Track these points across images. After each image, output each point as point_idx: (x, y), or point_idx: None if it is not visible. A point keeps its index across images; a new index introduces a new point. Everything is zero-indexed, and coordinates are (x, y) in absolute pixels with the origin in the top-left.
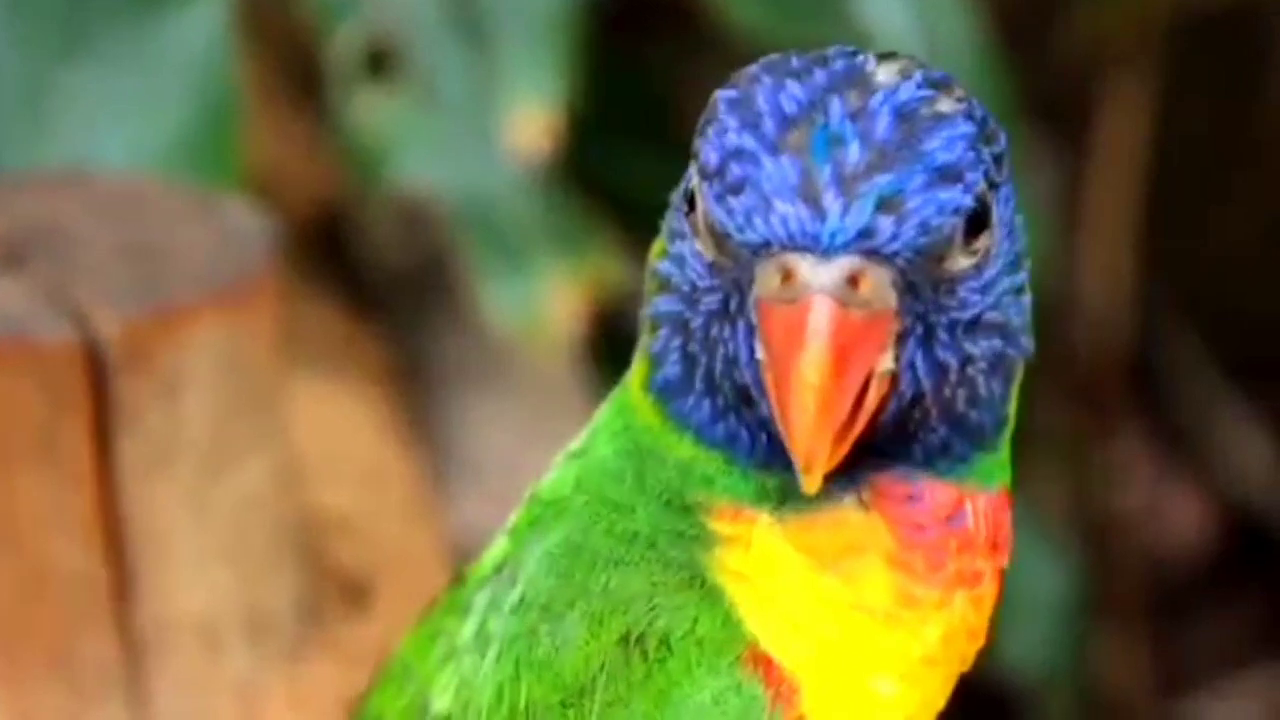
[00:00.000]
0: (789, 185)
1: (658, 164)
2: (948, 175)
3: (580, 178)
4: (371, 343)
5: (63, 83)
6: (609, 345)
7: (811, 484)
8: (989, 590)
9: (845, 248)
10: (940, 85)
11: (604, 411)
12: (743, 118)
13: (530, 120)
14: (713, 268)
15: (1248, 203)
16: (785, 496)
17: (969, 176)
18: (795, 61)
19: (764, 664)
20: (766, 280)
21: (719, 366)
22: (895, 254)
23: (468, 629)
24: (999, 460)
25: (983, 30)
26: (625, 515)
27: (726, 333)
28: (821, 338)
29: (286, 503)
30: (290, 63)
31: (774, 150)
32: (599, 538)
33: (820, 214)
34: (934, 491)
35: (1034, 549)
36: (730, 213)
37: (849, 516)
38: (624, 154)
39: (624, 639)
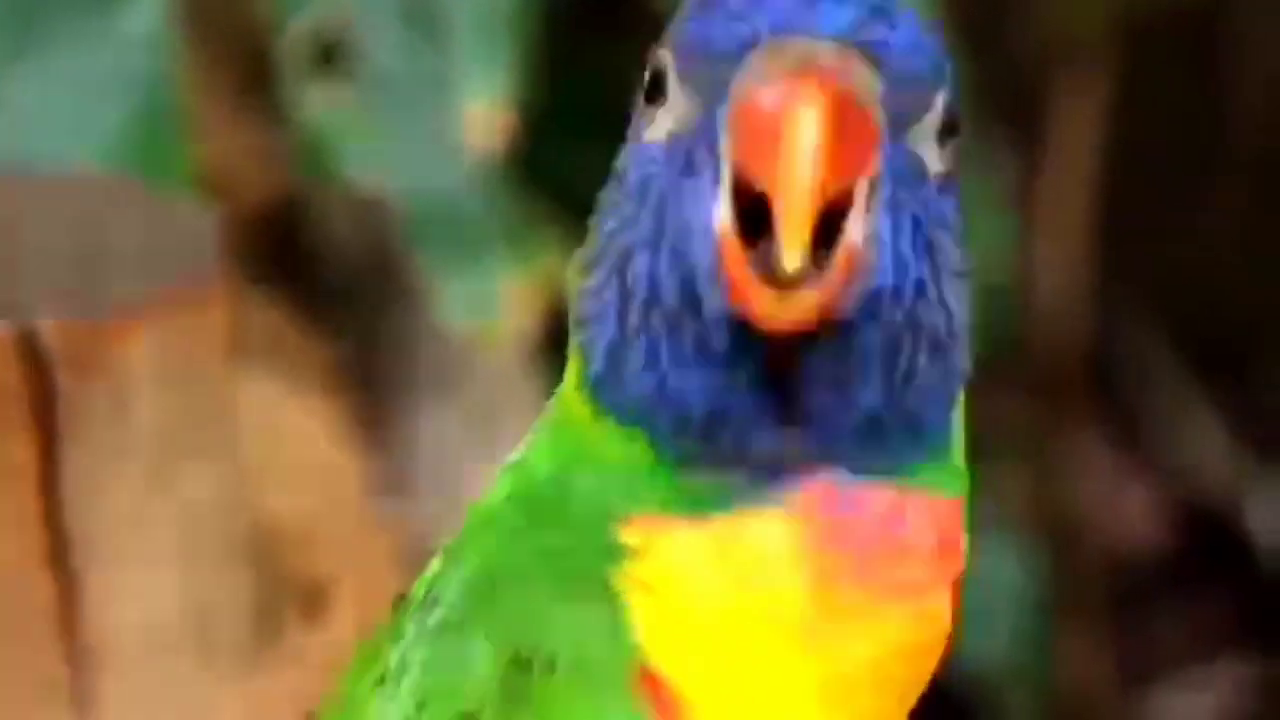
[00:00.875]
0: None
1: (613, 161)
2: (931, 40)
3: (536, 176)
4: (325, 343)
5: (5, 78)
6: (563, 346)
7: (793, 257)
8: (937, 604)
9: (839, 33)
10: None
11: (541, 420)
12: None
13: (483, 117)
14: (672, 140)
15: (1204, 200)
16: (707, 499)
17: (946, 67)
18: None
19: (653, 685)
20: (753, 68)
21: (664, 263)
22: (886, 59)
23: (395, 655)
24: (949, 468)
25: (939, 26)
26: (544, 530)
27: (684, 197)
28: (820, 95)
29: (238, 509)
30: (241, 57)
31: None
32: (515, 555)
33: (814, 4)
34: (868, 492)
35: (995, 545)
36: (714, 24)
37: (769, 520)
38: (580, 152)
39: (514, 661)
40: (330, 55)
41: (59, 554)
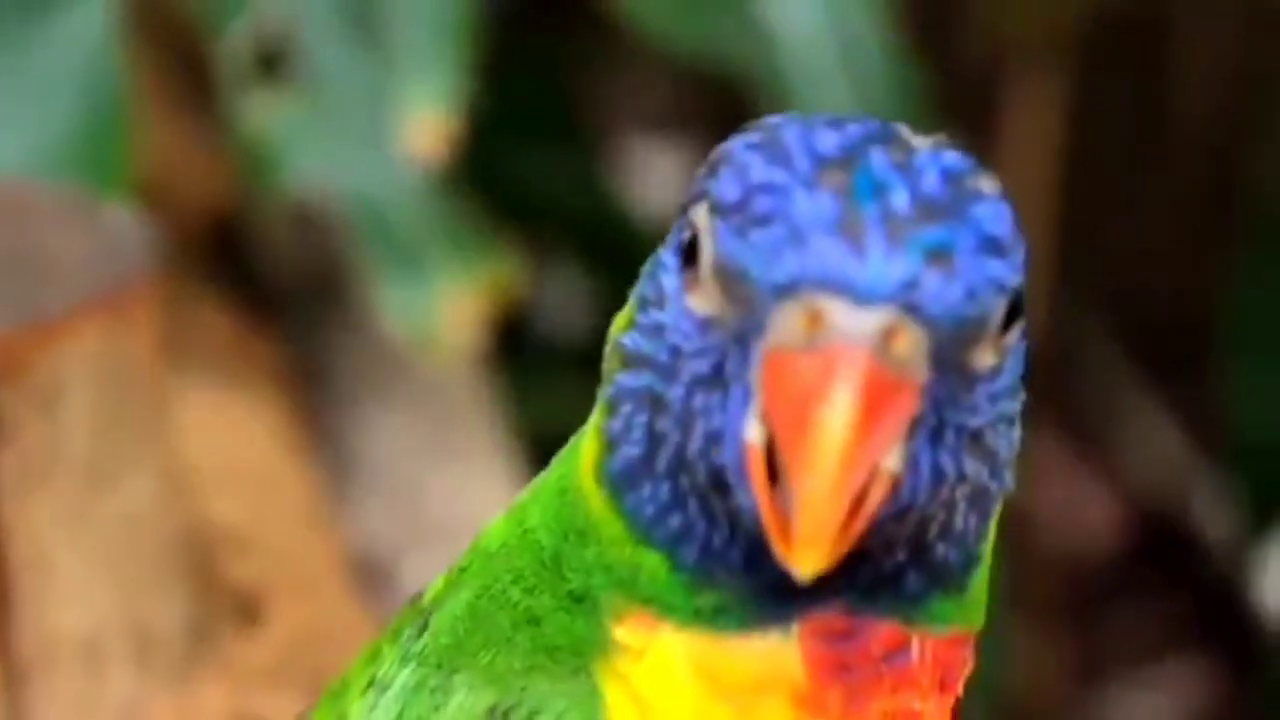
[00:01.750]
0: (826, 220)
1: (562, 164)
2: (996, 248)
3: (482, 180)
4: (267, 350)
5: None
6: (510, 353)
7: (809, 565)
8: None
9: (886, 297)
10: (979, 166)
11: (549, 475)
12: (769, 155)
13: (427, 122)
14: (707, 325)
15: (1156, 201)
16: (713, 615)
17: (1013, 257)
18: (820, 116)
19: None
20: (786, 324)
21: (695, 444)
22: (936, 317)
23: (387, 662)
24: (965, 600)
25: (891, 29)
26: (532, 595)
27: (713, 401)
28: (852, 390)
29: (174, 516)
30: (184, 64)
31: (809, 185)
32: (501, 610)
33: (862, 253)
34: (872, 629)
35: None
36: (753, 247)
37: (767, 646)
38: (528, 155)
39: (491, 710)
40: (270, 61)
41: None
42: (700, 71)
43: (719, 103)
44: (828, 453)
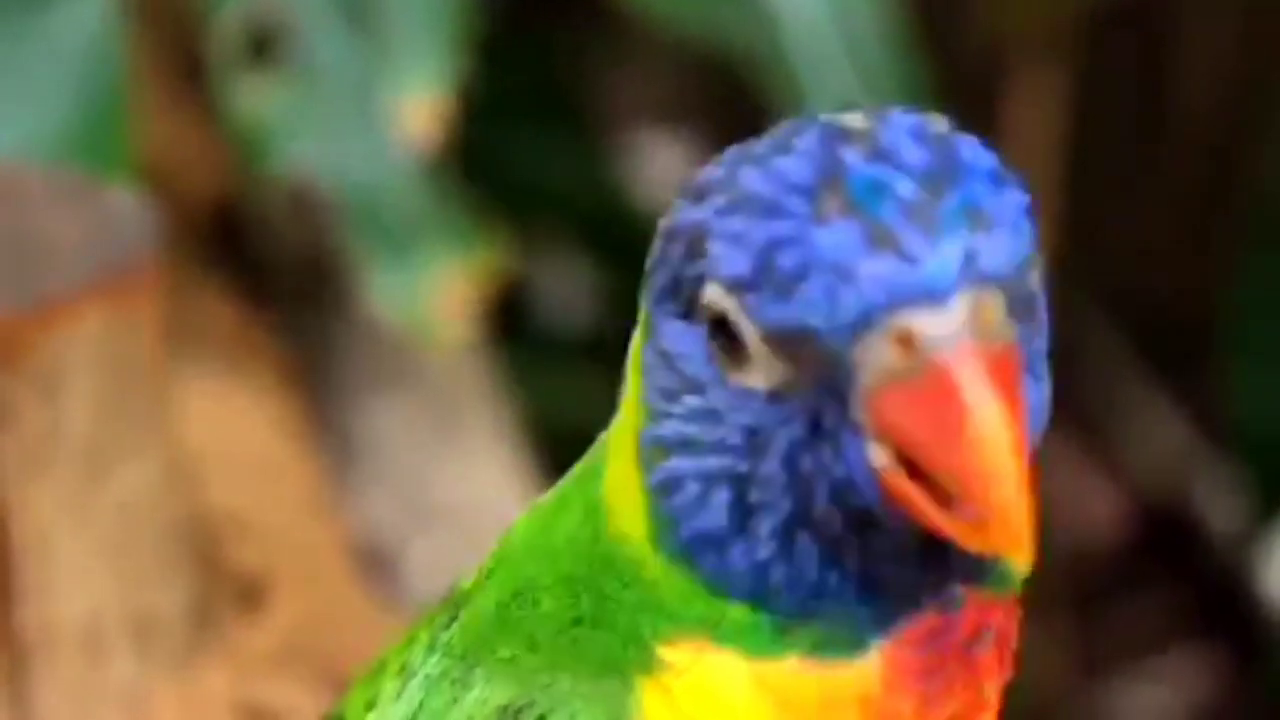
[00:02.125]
0: (856, 244)
1: (563, 154)
2: (999, 178)
3: (481, 168)
4: (268, 336)
5: None
6: (512, 340)
7: (1027, 559)
8: (989, 712)
9: (956, 284)
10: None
11: (572, 492)
12: (749, 212)
13: (420, 107)
14: (777, 396)
15: (1157, 198)
16: (811, 649)
17: (1015, 181)
18: (757, 149)
19: None
20: (881, 359)
21: (820, 501)
22: (1000, 271)
23: (419, 650)
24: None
25: (894, 19)
26: (562, 607)
27: (825, 457)
28: (984, 386)
29: (176, 502)
30: (182, 48)
31: (816, 220)
32: (529, 615)
33: (910, 257)
34: (966, 613)
35: None
36: (803, 303)
37: (851, 666)
38: (529, 144)
39: (504, 708)
40: (262, 45)
41: None
42: (703, 58)
43: (722, 94)
44: (1001, 452)
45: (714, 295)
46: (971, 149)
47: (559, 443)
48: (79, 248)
